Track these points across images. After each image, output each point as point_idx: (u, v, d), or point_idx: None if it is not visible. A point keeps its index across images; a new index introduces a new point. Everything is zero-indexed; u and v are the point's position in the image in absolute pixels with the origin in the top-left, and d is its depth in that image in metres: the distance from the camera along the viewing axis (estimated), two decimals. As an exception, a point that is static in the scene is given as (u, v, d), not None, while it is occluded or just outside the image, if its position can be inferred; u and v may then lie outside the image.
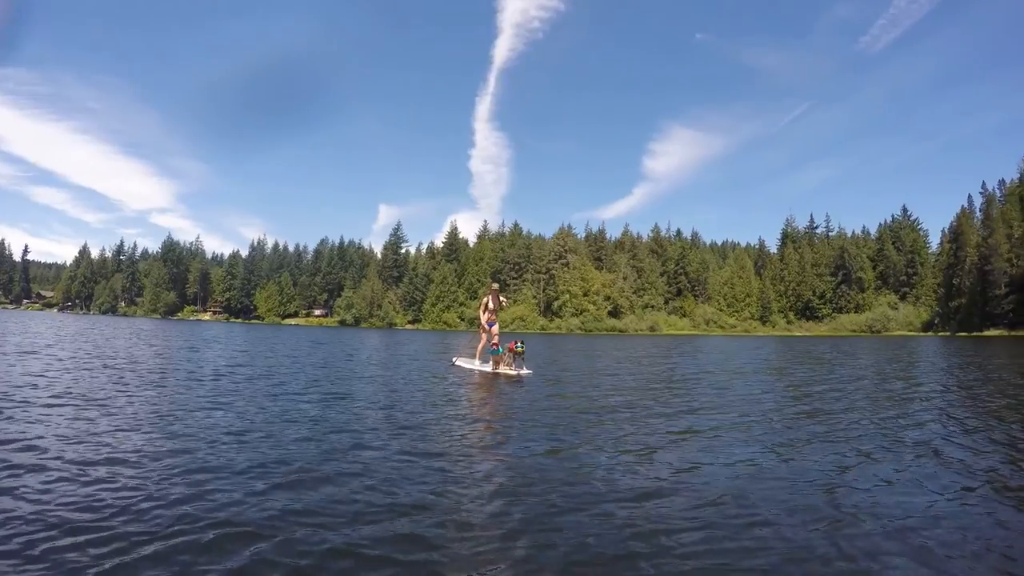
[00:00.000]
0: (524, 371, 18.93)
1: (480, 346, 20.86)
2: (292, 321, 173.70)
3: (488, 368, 19.39)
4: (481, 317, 20.74)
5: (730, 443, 8.35)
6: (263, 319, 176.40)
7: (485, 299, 20.79)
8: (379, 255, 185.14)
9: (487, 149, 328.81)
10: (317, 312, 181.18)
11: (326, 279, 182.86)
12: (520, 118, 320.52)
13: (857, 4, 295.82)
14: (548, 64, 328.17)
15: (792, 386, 17.08)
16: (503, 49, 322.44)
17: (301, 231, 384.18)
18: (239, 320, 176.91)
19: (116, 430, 8.11)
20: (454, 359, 23.39)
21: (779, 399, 13.88)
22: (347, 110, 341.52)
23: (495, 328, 20.45)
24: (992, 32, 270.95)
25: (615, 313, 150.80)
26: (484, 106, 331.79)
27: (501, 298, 21.11)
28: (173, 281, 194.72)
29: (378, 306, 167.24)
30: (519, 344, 19.07)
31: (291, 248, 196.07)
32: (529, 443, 8.01)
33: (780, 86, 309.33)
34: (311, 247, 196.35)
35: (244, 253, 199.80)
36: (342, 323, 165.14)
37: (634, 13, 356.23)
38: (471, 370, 20.02)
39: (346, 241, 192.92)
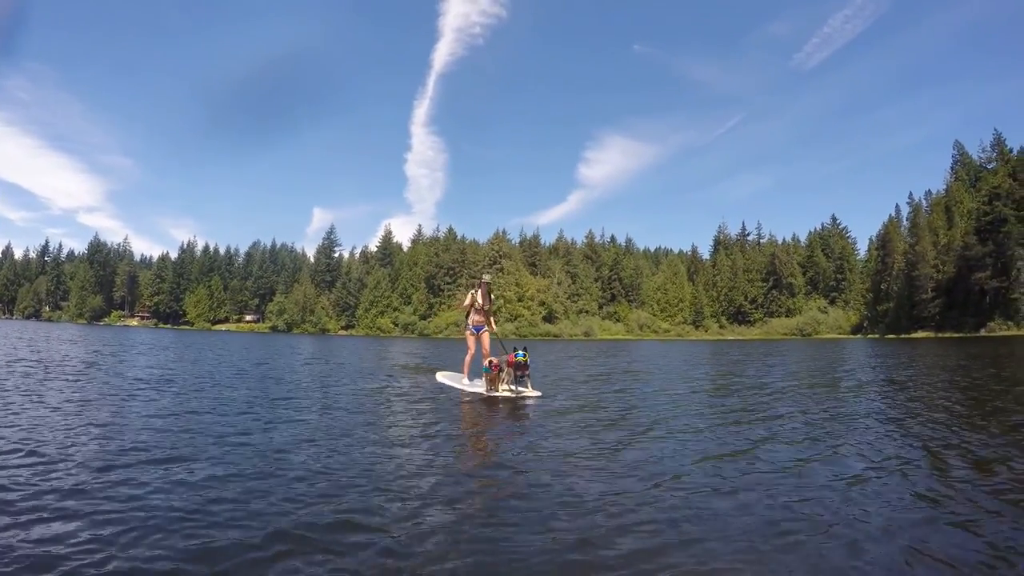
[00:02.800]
0: (529, 391, 14.09)
1: (467, 358, 16.28)
2: (223, 327, 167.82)
3: (479, 388, 14.69)
4: (467, 320, 16.38)
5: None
6: (193, 324, 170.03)
7: (471, 294, 16.28)
8: (312, 259, 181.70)
9: (423, 153, 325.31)
10: (248, 317, 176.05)
11: (258, 283, 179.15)
12: (457, 123, 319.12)
13: (792, 22, 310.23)
14: (487, 70, 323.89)
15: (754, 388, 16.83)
16: (443, 53, 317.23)
17: (233, 233, 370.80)
18: (168, 326, 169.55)
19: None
20: (437, 375, 18.23)
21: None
22: (283, 111, 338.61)
23: (485, 335, 16.17)
24: (919, 54, 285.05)
25: (550, 318, 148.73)
26: (422, 110, 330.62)
27: (492, 297, 16.65)
28: (100, 284, 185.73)
29: (311, 311, 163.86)
30: (520, 352, 14.02)
31: (222, 250, 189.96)
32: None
33: (715, 98, 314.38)
34: (243, 249, 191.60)
35: (174, 255, 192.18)
36: (274, 329, 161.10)
37: (574, 22, 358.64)
38: (457, 391, 15.13)
39: (279, 244, 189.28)
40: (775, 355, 39.34)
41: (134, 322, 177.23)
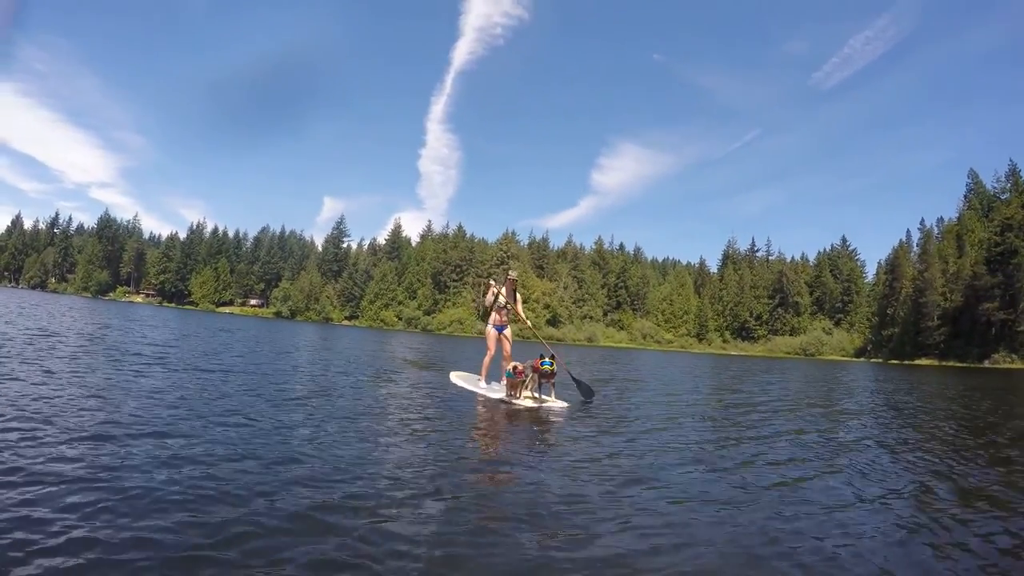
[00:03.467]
0: (554, 402, 12.72)
1: (486, 359, 14.60)
2: (227, 309, 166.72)
3: (497, 393, 13.43)
4: (488, 318, 14.80)
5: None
6: (197, 305, 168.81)
7: (495, 290, 14.61)
8: (320, 248, 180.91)
9: (438, 150, 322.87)
10: (253, 302, 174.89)
11: (264, 268, 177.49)
12: (473, 122, 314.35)
13: (813, 41, 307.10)
14: (506, 71, 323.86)
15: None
16: (463, 52, 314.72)
17: (243, 217, 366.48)
18: (172, 305, 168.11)
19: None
20: (451, 376, 16.61)
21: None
22: (300, 100, 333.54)
23: (507, 335, 14.66)
24: (938, 78, 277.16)
25: (553, 322, 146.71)
26: (439, 107, 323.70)
27: (518, 295, 14.99)
28: (107, 259, 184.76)
29: (315, 299, 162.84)
30: (546, 361, 12.57)
31: (231, 234, 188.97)
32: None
33: (731, 111, 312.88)
34: (252, 234, 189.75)
35: (183, 236, 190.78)
36: (277, 314, 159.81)
37: (595, 29, 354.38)
38: (472, 393, 13.92)
39: (287, 231, 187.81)
40: (775, 372, 39.39)
41: (139, 299, 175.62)
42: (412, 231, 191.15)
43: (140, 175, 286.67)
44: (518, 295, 14.95)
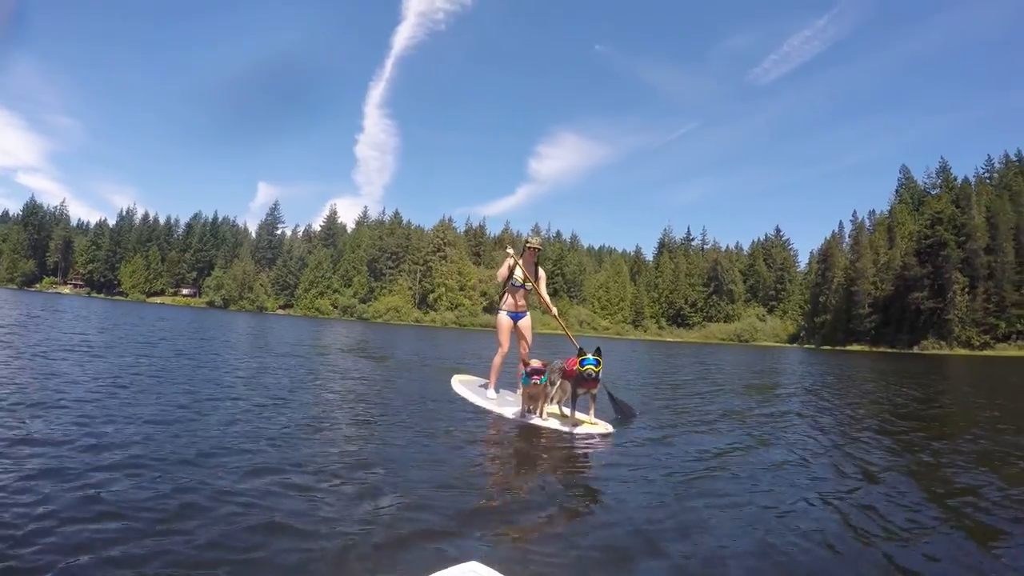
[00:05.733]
0: (593, 423, 8.43)
1: (496, 359, 10.44)
2: (158, 299, 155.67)
3: (511, 409, 9.28)
4: (501, 300, 10.79)
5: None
6: (127, 295, 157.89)
7: (510, 262, 10.58)
8: (254, 235, 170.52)
9: (375, 136, 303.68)
10: (185, 291, 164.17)
11: (196, 256, 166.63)
12: (412, 108, 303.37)
13: (753, 37, 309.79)
14: (447, 57, 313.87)
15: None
16: (404, 36, 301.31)
17: (175, 203, 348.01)
18: (101, 295, 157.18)
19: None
20: (453, 381, 11.98)
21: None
22: (235, 80, 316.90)
23: (526, 325, 10.69)
24: (872, 78, 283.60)
25: (490, 309, 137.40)
26: (377, 92, 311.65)
27: (542, 271, 11.03)
28: (33, 248, 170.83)
29: (249, 288, 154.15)
30: (590, 359, 8.04)
31: (162, 220, 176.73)
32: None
33: (671, 104, 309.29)
34: (184, 221, 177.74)
35: (112, 222, 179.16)
36: (210, 304, 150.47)
37: (537, 17, 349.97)
38: (475, 408, 9.62)
39: (220, 217, 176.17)
40: (712, 357, 39.78)
41: (66, 290, 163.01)
42: (348, 218, 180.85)
43: (69, 159, 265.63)
44: (540, 271, 10.93)
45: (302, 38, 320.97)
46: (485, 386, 10.83)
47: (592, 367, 8.04)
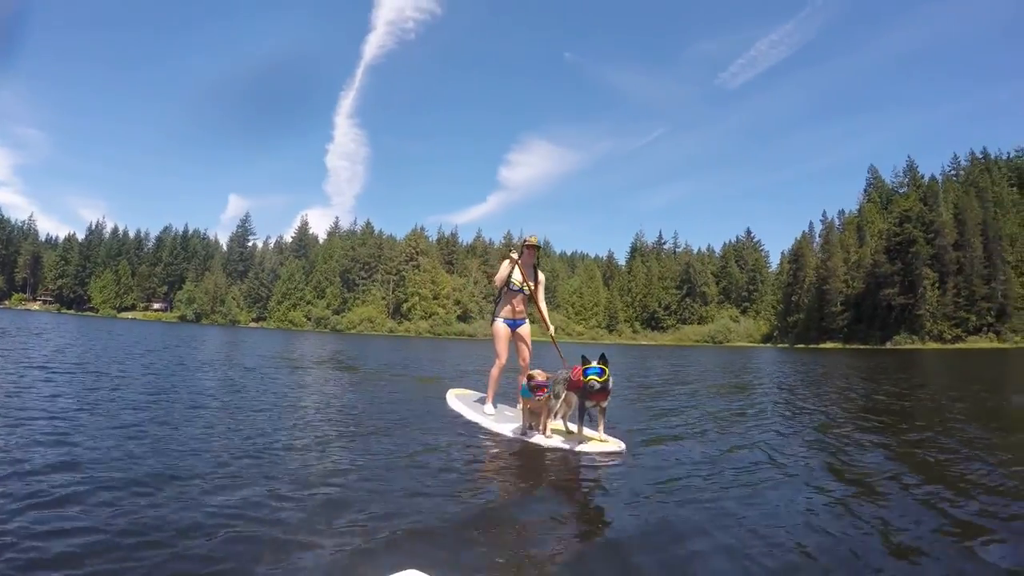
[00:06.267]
0: (602, 439, 7.29)
1: (494, 371, 9.29)
2: (129, 315, 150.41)
3: (510, 425, 8.23)
4: (497, 306, 9.48)
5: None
6: (98, 311, 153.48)
7: (508, 262, 9.25)
8: (225, 247, 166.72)
9: (345, 145, 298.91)
10: (156, 306, 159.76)
11: (167, 270, 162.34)
12: (382, 117, 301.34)
13: (721, 42, 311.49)
14: (417, 66, 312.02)
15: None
16: (374, 46, 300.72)
17: (145, 216, 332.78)
18: (71, 311, 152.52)
19: None
20: (448, 396, 10.80)
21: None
22: (204, 91, 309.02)
23: (525, 333, 9.40)
24: (840, 81, 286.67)
25: (464, 318, 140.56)
26: (347, 101, 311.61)
27: (541, 274, 9.46)
28: (1, 264, 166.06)
29: (221, 301, 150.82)
30: (595, 368, 6.95)
31: (131, 234, 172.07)
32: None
33: (639, 110, 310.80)
34: (154, 234, 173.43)
35: (81, 237, 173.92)
36: (182, 318, 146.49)
37: (507, 26, 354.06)
38: (472, 425, 8.61)
39: (191, 230, 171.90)
40: (687, 359, 39.35)
41: (36, 306, 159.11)
42: (319, 228, 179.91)
43: (37, 172, 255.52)
44: (540, 274, 9.41)
45: (271, 50, 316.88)
46: (482, 400, 9.80)
47: (596, 377, 6.96)
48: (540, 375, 7.31)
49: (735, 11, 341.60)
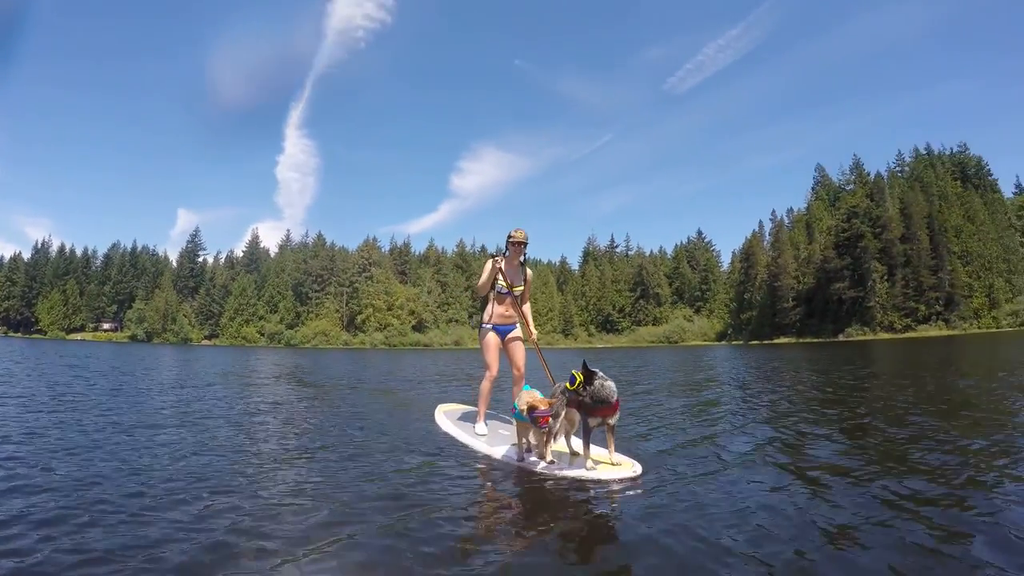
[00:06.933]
0: (612, 465, 6.16)
1: (484, 384, 8.25)
2: (78, 336, 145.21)
3: (504, 449, 7.13)
4: (483, 312, 8.43)
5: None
6: (46, 333, 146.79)
7: (493, 262, 8.17)
8: (175, 264, 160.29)
9: (295, 157, 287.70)
10: (106, 326, 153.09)
11: (116, 288, 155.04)
12: (333, 128, 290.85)
13: (668, 48, 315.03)
14: (367, 76, 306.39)
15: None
16: (324, 55, 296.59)
17: (92, 233, 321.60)
18: (18, 334, 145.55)
19: None
20: (436, 413, 9.67)
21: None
22: (151, 103, 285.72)
23: (517, 338, 8.41)
24: (786, 83, 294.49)
25: (419, 328, 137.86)
26: (297, 112, 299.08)
27: (528, 271, 8.41)
28: None
29: (172, 319, 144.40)
30: (593, 379, 6.00)
31: (79, 252, 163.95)
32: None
33: (590, 115, 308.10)
34: (101, 251, 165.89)
35: (27, 256, 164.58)
36: (133, 338, 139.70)
37: (457, 34, 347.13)
38: (462, 448, 7.54)
39: (139, 247, 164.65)
40: (642, 360, 38.97)
41: None
42: (270, 242, 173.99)
43: None
44: (528, 271, 8.40)
45: (219, 60, 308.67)
46: (472, 417, 8.74)
47: (568, 385, 6.15)
48: (543, 403, 6.09)
49: (682, 17, 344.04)
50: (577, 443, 6.57)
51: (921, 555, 3.80)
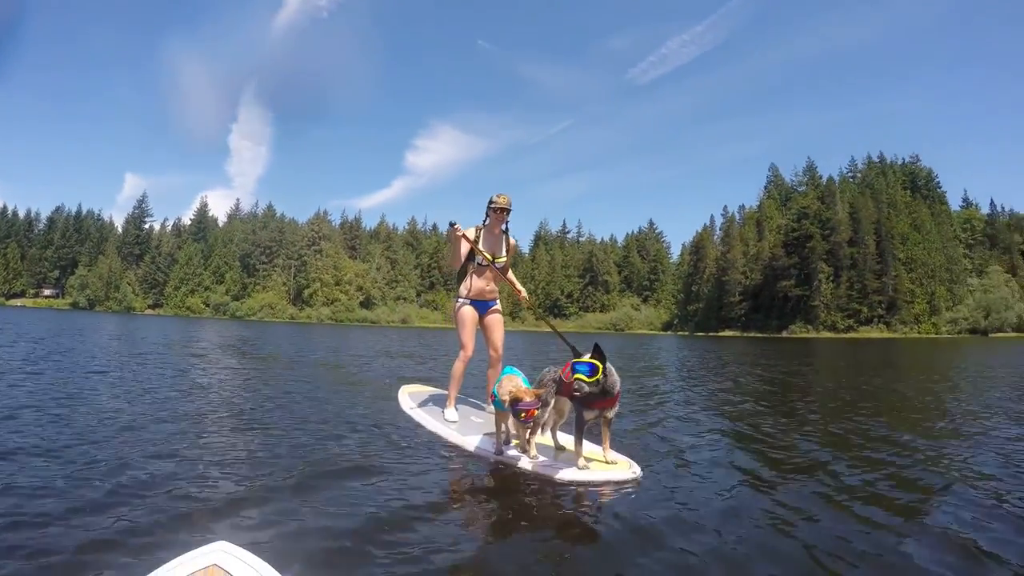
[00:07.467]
0: (608, 463, 5.23)
1: (458, 365, 7.11)
2: (18, 302, 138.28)
3: (477, 439, 6.06)
4: (459, 286, 7.25)
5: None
6: None
7: (459, 243, 7.05)
8: (120, 229, 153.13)
9: (249, 124, 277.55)
10: (47, 292, 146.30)
11: (59, 253, 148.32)
12: (289, 97, 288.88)
13: (633, 38, 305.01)
14: (327, 46, 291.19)
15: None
16: (283, 23, 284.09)
17: (36, 195, 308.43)
18: None
19: None
20: (400, 394, 8.58)
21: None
22: (103, 63, 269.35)
23: (495, 319, 7.30)
24: (747, 82, 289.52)
25: (367, 304, 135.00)
26: (254, 80, 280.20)
27: (512, 240, 7.37)
28: None
29: (116, 287, 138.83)
30: (580, 363, 4.95)
31: (21, 214, 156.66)
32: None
33: (549, 101, 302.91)
34: (45, 214, 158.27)
35: None
36: (75, 305, 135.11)
37: (422, 10, 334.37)
38: (432, 437, 6.44)
39: (84, 211, 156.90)
40: (588, 345, 36.53)
41: None
42: (219, 211, 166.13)
43: None
44: (510, 239, 7.36)
45: (174, 22, 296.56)
46: (441, 402, 7.69)
47: (584, 377, 4.90)
48: (528, 394, 5.13)
49: (648, 9, 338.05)
50: (564, 438, 5.85)
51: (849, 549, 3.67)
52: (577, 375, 4.90)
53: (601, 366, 4.92)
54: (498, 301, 7.40)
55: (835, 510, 4.32)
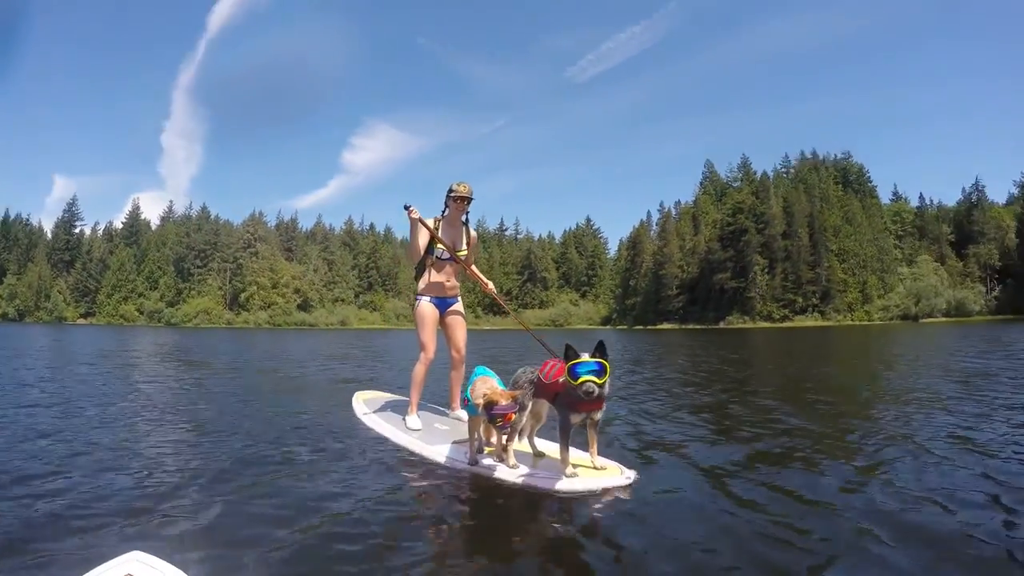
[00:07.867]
0: (596, 472, 4.74)
1: (418, 368, 6.50)
2: None
3: (445, 451, 5.41)
4: (421, 281, 6.65)
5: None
6: None
7: (435, 219, 6.52)
8: (50, 235, 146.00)
9: (183, 123, 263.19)
10: None
11: None
12: (223, 94, 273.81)
13: (573, 37, 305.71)
14: (262, 41, 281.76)
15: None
16: (220, 16, 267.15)
17: None
18: None
19: None
20: (355, 400, 7.83)
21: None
22: (24, 59, 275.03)
23: (456, 318, 6.75)
24: (683, 81, 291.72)
25: (304, 307, 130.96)
26: (188, 75, 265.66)
27: (472, 231, 6.80)
28: None
29: (46, 296, 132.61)
30: (583, 363, 4.32)
31: None
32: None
33: (488, 98, 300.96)
34: None
35: None
36: (3, 317, 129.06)
37: (360, 5, 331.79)
38: (395, 448, 5.74)
39: (12, 215, 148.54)
40: (528, 342, 34.65)
41: None
42: (152, 213, 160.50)
43: None
44: (471, 231, 6.82)
45: (103, 15, 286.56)
46: (400, 408, 6.99)
47: (594, 378, 4.37)
48: (504, 396, 4.68)
49: (588, 9, 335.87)
50: (543, 444, 5.42)
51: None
52: (586, 377, 4.33)
53: (608, 366, 4.46)
54: (459, 298, 6.87)
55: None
